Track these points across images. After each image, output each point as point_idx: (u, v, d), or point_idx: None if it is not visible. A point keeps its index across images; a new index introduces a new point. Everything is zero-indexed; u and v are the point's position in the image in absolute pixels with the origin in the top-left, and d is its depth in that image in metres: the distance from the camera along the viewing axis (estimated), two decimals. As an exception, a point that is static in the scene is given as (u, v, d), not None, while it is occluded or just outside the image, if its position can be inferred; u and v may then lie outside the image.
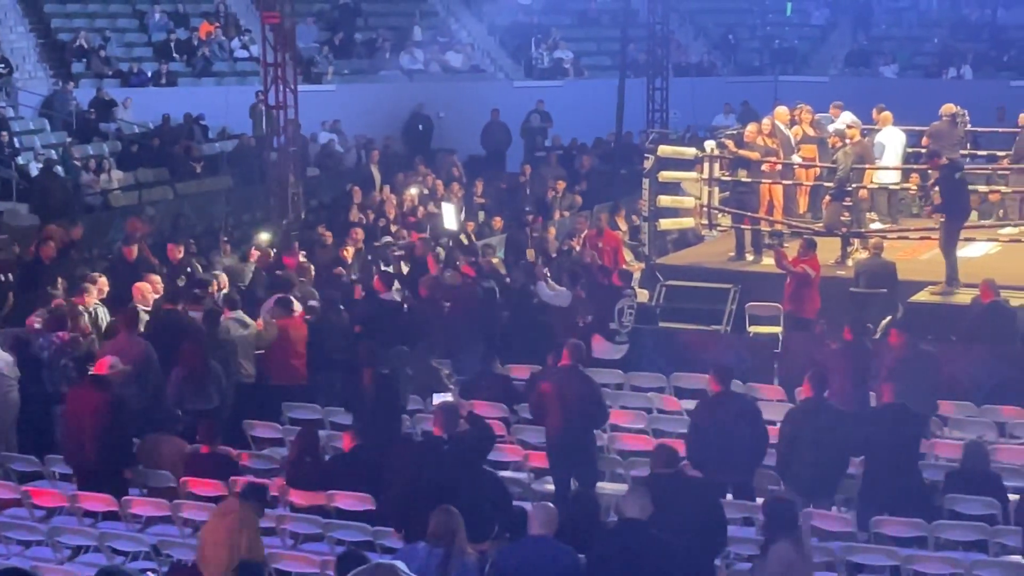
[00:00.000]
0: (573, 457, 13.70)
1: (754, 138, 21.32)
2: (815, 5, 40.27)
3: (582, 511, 11.01)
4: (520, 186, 28.46)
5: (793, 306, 18.40)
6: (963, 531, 12.21)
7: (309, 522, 12.55)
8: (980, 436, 14.67)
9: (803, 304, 18.30)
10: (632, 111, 31.94)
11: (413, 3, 37.84)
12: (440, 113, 33.60)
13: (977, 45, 36.69)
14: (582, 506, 11.18)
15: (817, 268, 18.57)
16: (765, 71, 37.53)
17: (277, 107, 22.29)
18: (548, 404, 13.82)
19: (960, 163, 20.00)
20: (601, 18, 39.19)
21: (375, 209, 24.84)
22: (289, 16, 22.63)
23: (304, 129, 24.44)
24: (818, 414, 12.94)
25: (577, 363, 14.03)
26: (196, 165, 28.69)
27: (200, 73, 32.74)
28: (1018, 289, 18.63)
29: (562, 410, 13.68)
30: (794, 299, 18.37)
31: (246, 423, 15.55)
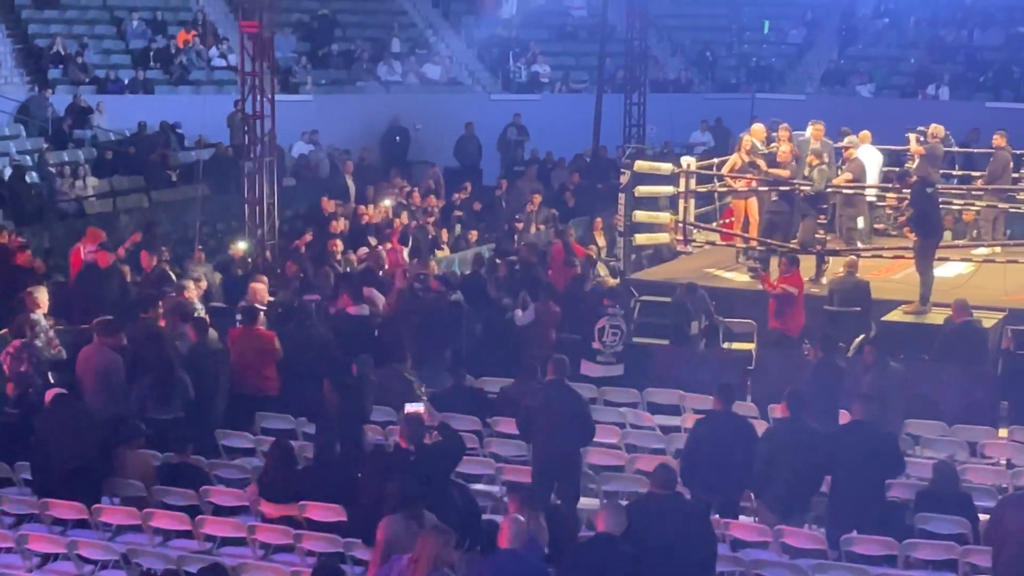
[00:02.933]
0: (559, 473, 13.67)
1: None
2: (792, 23, 40.40)
3: (555, 526, 11.00)
4: (496, 199, 28.48)
5: (778, 324, 18.42)
6: (933, 550, 12.24)
7: (279, 532, 12.52)
8: (951, 456, 14.71)
9: (788, 321, 18.32)
10: (609, 126, 32.06)
11: (391, 15, 37.88)
12: (417, 125, 33.60)
13: (953, 66, 36.84)
14: (555, 521, 11.16)
15: (800, 285, 18.58)
16: (742, 88, 37.63)
17: (254, 117, 22.23)
18: (536, 419, 13.78)
19: (931, 180, 20.08)
20: (579, 33, 39.27)
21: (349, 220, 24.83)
22: (267, 26, 22.55)
23: (281, 139, 24.35)
24: (795, 433, 12.95)
25: (563, 378, 14.02)
26: (172, 173, 28.62)
27: (177, 81, 32.68)
28: (990, 309, 18.71)
29: (550, 426, 13.65)
30: (778, 317, 18.40)
31: (218, 432, 15.53)
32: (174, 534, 12.92)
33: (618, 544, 10.09)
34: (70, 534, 12.84)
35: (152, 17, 34.23)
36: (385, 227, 24.05)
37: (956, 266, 21.28)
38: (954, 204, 23.17)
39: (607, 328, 17.65)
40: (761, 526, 12.83)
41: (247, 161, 22.72)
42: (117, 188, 27.75)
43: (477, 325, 18.96)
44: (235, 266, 21.47)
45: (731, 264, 22.15)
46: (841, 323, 18.40)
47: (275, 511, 12.87)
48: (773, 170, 21.29)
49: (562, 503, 13.37)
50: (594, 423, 14.22)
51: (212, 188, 28.20)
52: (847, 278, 19.20)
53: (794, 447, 12.78)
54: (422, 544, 10.02)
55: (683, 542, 10.81)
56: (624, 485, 14.15)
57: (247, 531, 12.57)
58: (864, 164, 22.02)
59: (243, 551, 12.60)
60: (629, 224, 22.64)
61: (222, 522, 12.85)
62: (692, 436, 13.52)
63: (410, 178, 29.42)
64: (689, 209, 22.92)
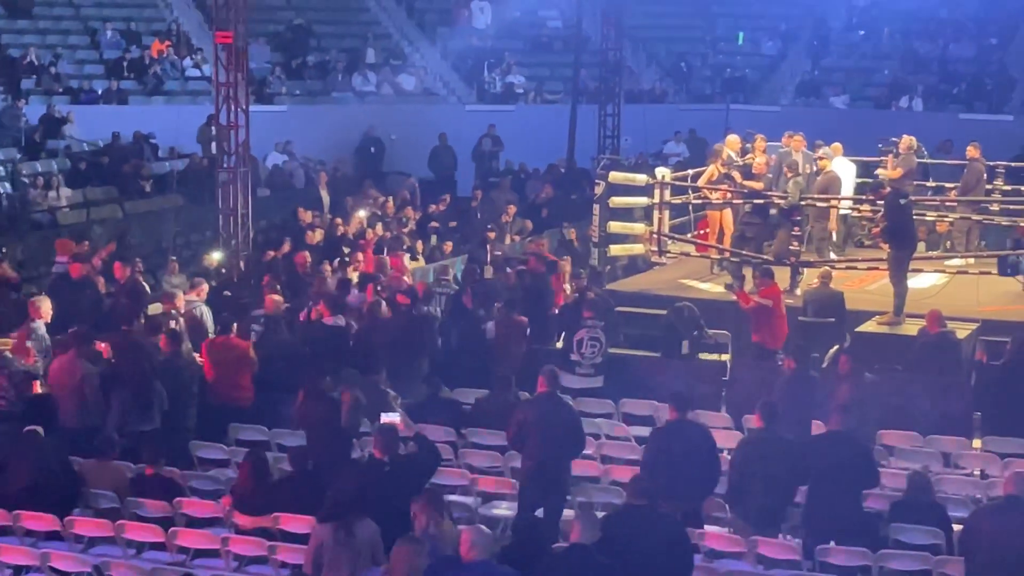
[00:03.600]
0: (549, 486, 13.60)
1: (763, 169, 21.32)
2: (767, 35, 40.51)
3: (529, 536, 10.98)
4: (471, 210, 28.47)
5: (760, 337, 18.41)
6: (907, 561, 12.26)
7: (254, 544, 12.48)
8: (925, 466, 14.73)
9: (769, 333, 18.30)
10: (584, 137, 32.09)
11: (366, 25, 37.89)
12: (392, 136, 33.59)
13: (927, 77, 37.01)
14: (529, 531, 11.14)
15: (776, 295, 18.58)
16: (716, 99, 37.74)
17: (228, 127, 22.20)
18: (529, 431, 13.74)
19: (904, 191, 20.15)
20: (554, 44, 39.32)
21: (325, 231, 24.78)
22: (242, 36, 22.53)
23: (255, 150, 24.33)
24: (768, 444, 12.96)
25: (555, 390, 13.98)
26: (145, 184, 28.54)
27: (151, 92, 32.62)
28: (964, 320, 18.77)
29: (543, 437, 13.57)
30: (759, 330, 18.40)
31: (192, 443, 15.48)
32: (147, 546, 12.87)
33: (593, 554, 10.09)
34: (42, 546, 12.76)
35: (126, 27, 34.19)
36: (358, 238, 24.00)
37: (930, 277, 21.34)
38: (928, 215, 23.25)
39: (586, 340, 17.60)
40: (735, 536, 12.84)
41: (221, 172, 22.68)
42: (90, 199, 27.65)
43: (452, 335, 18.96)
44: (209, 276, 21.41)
45: (706, 275, 22.18)
46: (815, 334, 18.42)
47: (249, 522, 12.82)
48: (747, 182, 21.33)
49: (547, 515, 13.34)
50: (585, 436, 14.18)
51: (186, 199, 28.16)
52: (821, 289, 19.23)
53: (767, 457, 12.78)
54: (396, 554, 10.01)
55: (659, 553, 10.82)
56: (599, 496, 14.14)
57: (221, 543, 12.52)
58: (839, 176, 22.09)
59: (217, 563, 12.55)
60: (604, 235, 22.65)
61: (196, 534, 12.80)
62: (649, 446, 13.51)
63: (385, 189, 29.39)
64: (664, 220, 22.94)
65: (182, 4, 35.74)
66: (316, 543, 11.08)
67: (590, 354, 17.55)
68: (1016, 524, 10.92)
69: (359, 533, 10.89)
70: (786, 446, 12.95)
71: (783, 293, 19.23)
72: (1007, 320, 19.01)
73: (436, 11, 39.23)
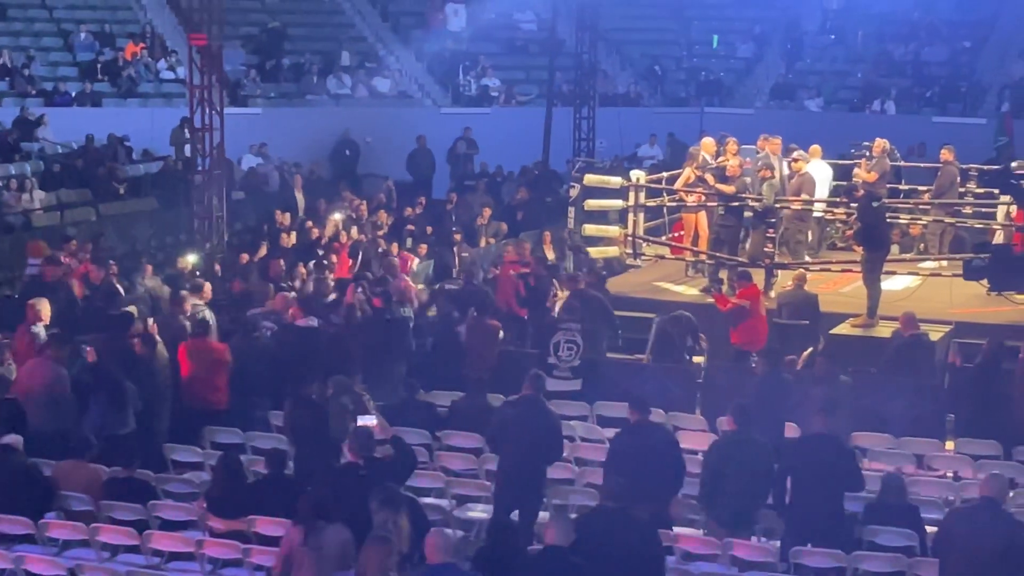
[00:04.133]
0: (525, 488, 13.58)
1: (736, 172, 21.37)
2: (741, 38, 40.59)
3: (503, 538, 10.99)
4: (446, 213, 28.46)
5: (739, 339, 18.43)
6: (881, 562, 12.30)
7: (228, 547, 12.46)
8: (899, 468, 14.79)
9: (748, 335, 18.30)
10: (559, 140, 32.09)
11: (341, 28, 37.85)
12: (367, 138, 33.57)
13: (900, 81, 37.14)
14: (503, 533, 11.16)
15: (754, 296, 18.60)
16: (691, 102, 37.80)
17: (203, 130, 22.17)
18: (507, 433, 13.73)
19: (877, 194, 20.22)
20: (529, 47, 39.32)
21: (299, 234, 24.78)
22: (216, 39, 22.50)
23: (230, 152, 24.28)
24: (742, 446, 12.99)
25: (539, 393, 13.96)
26: (120, 186, 28.47)
27: (125, 94, 32.54)
28: (938, 322, 18.84)
29: (520, 440, 13.55)
30: (737, 332, 18.43)
31: (166, 447, 15.45)
32: (122, 549, 12.85)
33: (567, 556, 10.12)
34: (16, 549, 12.72)
35: (100, 29, 34.08)
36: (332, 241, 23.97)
37: (903, 279, 21.42)
38: (901, 218, 23.33)
39: (562, 343, 17.60)
40: (710, 539, 12.86)
41: (196, 174, 22.64)
42: (64, 201, 27.58)
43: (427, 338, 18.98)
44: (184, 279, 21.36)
45: (680, 278, 22.23)
46: (790, 336, 18.48)
47: (224, 526, 12.81)
48: (719, 185, 21.37)
49: (522, 517, 13.35)
50: (563, 442, 14.17)
51: (161, 201, 28.10)
52: (796, 291, 19.30)
53: (741, 460, 12.82)
54: (367, 556, 10.01)
55: (633, 555, 10.84)
56: (574, 498, 14.16)
57: (195, 546, 12.51)
58: (814, 178, 22.16)
59: (191, 566, 12.54)
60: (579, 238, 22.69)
61: (170, 537, 12.78)
62: (611, 448, 13.54)
63: (360, 192, 29.36)
64: (638, 223, 23.00)
65: (156, 6, 35.66)
66: (287, 546, 11.08)
67: (567, 356, 17.56)
68: (989, 526, 10.95)
69: (329, 537, 10.88)
70: (759, 448, 12.99)
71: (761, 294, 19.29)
72: (980, 322, 19.08)
73: (411, 14, 39.20)
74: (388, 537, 10.37)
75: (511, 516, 13.23)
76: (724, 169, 21.56)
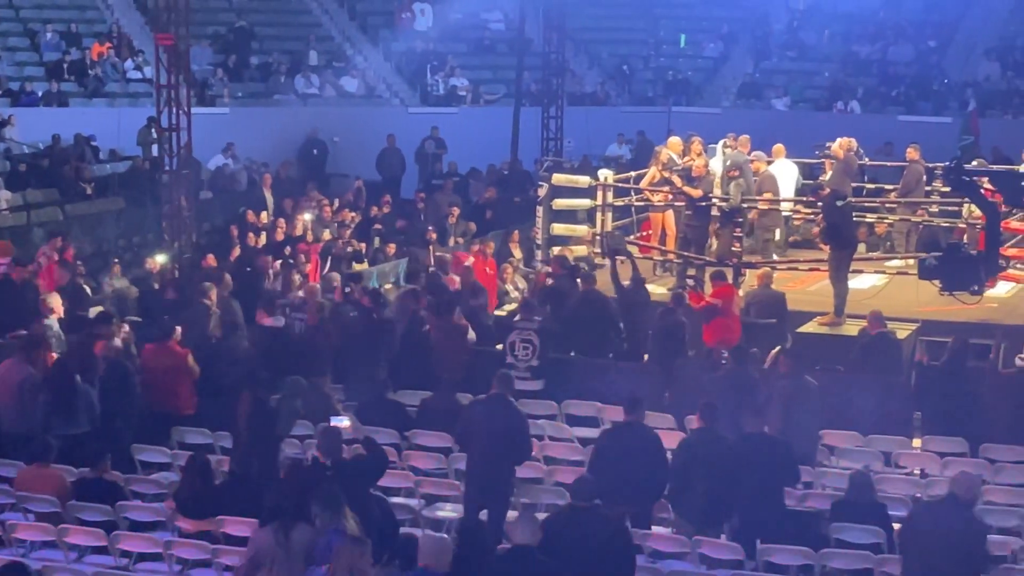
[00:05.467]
0: (492, 488, 13.59)
1: (702, 171, 21.42)
2: (708, 37, 40.66)
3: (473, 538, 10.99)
4: (415, 212, 28.46)
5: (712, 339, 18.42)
6: (849, 560, 12.37)
7: (197, 548, 12.44)
8: (866, 466, 14.86)
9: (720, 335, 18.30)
10: (527, 139, 32.11)
11: (308, 27, 37.78)
12: (335, 138, 33.52)
13: (867, 80, 37.27)
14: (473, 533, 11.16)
15: (727, 296, 18.63)
16: (659, 102, 37.83)
17: (170, 129, 22.11)
18: (474, 432, 13.74)
19: (843, 192, 20.30)
20: (497, 46, 39.32)
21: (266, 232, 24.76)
22: (183, 38, 22.44)
23: (197, 152, 24.23)
24: (710, 444, 13.04)
25: (506, 393, 13.94)
26: (87, 186, 28.38)
27: (92, 94, 32.43)
28: (904, 321, 18.93)
29: (487, 440, 13.55)
30: (711, 332, 18.44)
31: (134, 447, 15.41)
32: (90, 550, 12.82)
33: (535, 555, 10.14)
34: (-18, 551, 12.72)
35: (66, 29, 33.94)
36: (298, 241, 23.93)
37: (870, 278, 21.50)
38: (868, 217, 23.43)
39: (518, 342, 17.54)
40: (679, 537, 12.91)
41: (164, 174, 22.59)
42: (31, 201, 27.47)
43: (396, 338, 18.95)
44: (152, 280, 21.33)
45: (649, 276, 22.24)
46: (757, 335, 18.52)
47: (192, 526, 12.79)
48: (686, 188, 21.39)
49: (490, 517, 13.35)
50: (531, 442, 14.17)
51: (128, 201, 28.02)
52: (763, 290, 19.36)
53: (709, 458, 12.87)
54: (338, 554, 10.01)
55: (603, 554, 10.86)
56: (543, 497, 14.18)
57: (164, 546, 12.49)
58: (775, 176, 22.23)
59: (160, 567, 12.52)
60: (547, 237, 22.71)
61: (138, 537, 12.76)
62: (597, 448, 13.56)
63: (328, 191, 29.32)
64: (607, 222, 23.02)
65: (123, 6, 35.56)
66: (253, 546, 11.07)
67: (523, 356, 17.50)
68: (953, 523, 11.00)
69: (296, 537, 10.88)
70: (727, 446, 13.04)
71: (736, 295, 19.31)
72: (946, 320, 19.17)
73: (378, 13, 39.15)
74: (362, 538, 10.36)
75: (480, 516, 13.26)
76: (690, 170, 21.61)
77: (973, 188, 18.53)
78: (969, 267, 17.80)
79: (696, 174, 21.40)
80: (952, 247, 18.40)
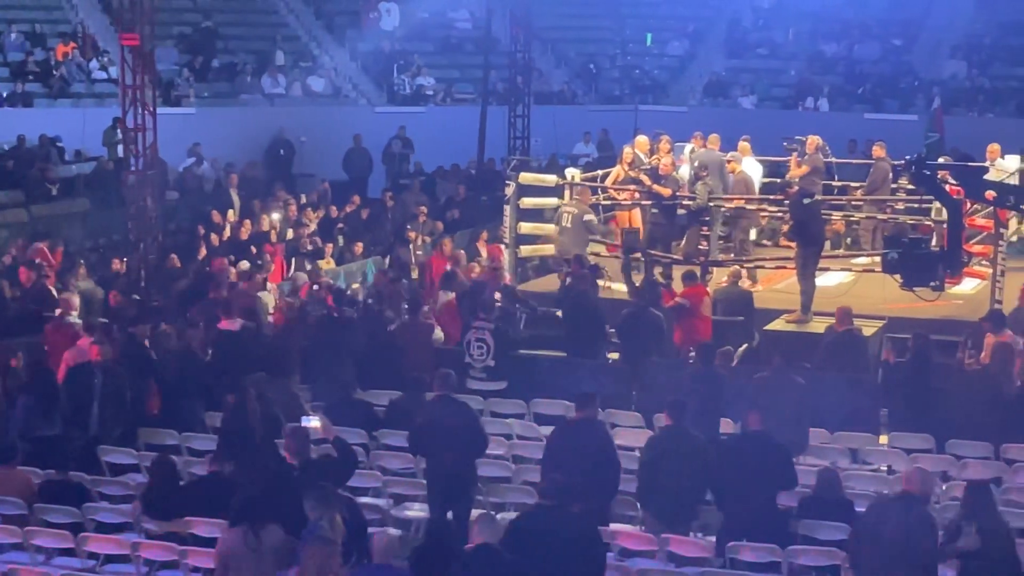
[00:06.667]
0: (453, 487, 13.59)
1: (669, 170, 21.43)
2: (675, 36, 40.73)
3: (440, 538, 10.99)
4: (382, 212, 28.43)
5: (681, 339, 18.46)
6: (816, 556, 12.39)
7: (164, 549, 12.40)
8: (833, 462, 14.90)
9: (689, 335, 18.34)
10: (494, 138, 32.09)
11: (274, 28, 37.69)
12: (302, 138, 33.45)
13: (833, 78, 37.41)
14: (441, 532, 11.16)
15: (697, 296, 18.64)
16: (625, 100, 37.90)
17: (136, 130, 22.01)
18: (425, 435, 13.71)
19: (810, 190, 20.35)
20: (464, 46, 39.30)
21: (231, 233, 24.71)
22: (148, 38, 22.34)
23: (163, 153, 24.13)
24: (678, 441, 13.05)
25: (449, 392, 13.94)
26: (52, 187, 28.25)
27: (57, 94, 32.26)
28: (871, 318, 18.99)
29: (440, 441, 13.54)
30: (680, 331, 18.47)
31: (101, 448, 15.35)
32: (57, 552, 12.77)
33: (500, 553, 10.16)
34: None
35: (30, 29, 33.76)
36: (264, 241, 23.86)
37: (837, 275, 21.55)
38: (834, 215, 23.48)
39: (472, 342, 17.47)
40: (647, 535, 12.91)
41: (129, 175, 22.49)
42: (-5, 203, 27.39)
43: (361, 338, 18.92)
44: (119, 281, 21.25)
45: (616, 275, 22.24)
46: (724, 332, 18.56)
47: (159, 527, 12.75)
48: (657, 187, 21.42)
49: (456, 516, 13.35)
50: (486, 434, 14.16)
51: (93, 202, 27.90)
52: (730, 288, 19.40)
53: (677, 455, 12.88)
54: (308, 555, 10.00)
55: (571, 553, 10.86)
56: (511, 496, 14.18)
57: (131, 548, 12.45)
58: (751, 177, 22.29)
59: (127, 568, 12.49)
60: (514, 236, 22.71)
61: (106, 539, 12.73)
62: (548, 445, 13.57)
63: (295, 191, 29.25)
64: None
65: (88, 6, 35.38)
66: (223, 548, 11.05)
67: (479, 356, 17.43)
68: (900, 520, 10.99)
69: (266, 538, 10.86)
70: (695, 443, 13.05)
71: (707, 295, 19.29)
72: (913, 318, 19.24)
73: (344, 13, 39.07)
74: (331, 538, 10.35)
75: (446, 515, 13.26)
76: (657, 168, 21.64)
77: (934, 182, 18.56)
78: (929, 263, 17.85)
79: (663, 172, 21.44)
80: (914, 242, 18.44)
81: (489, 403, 17.06)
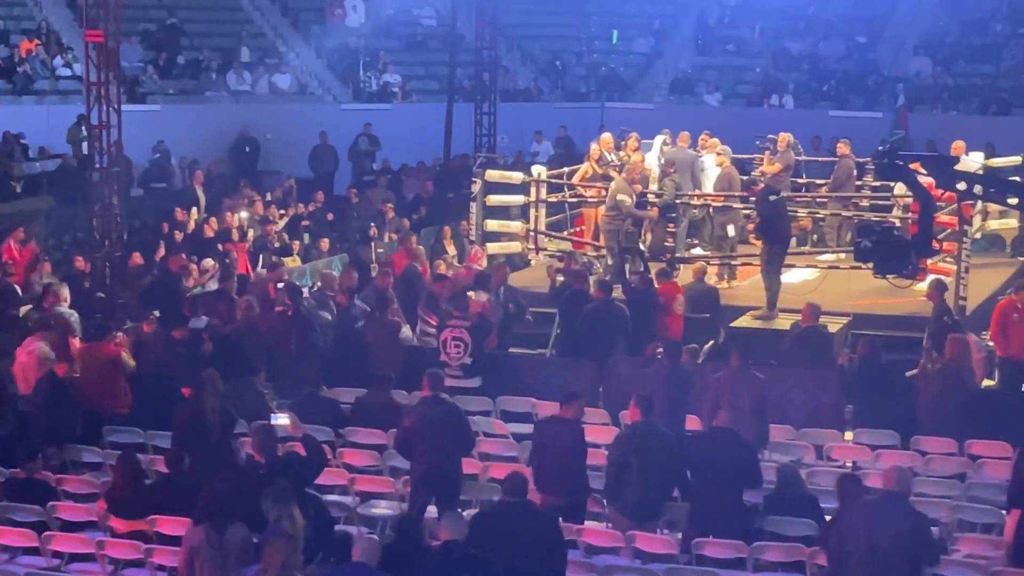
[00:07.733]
0: (440, 486, 13.58)
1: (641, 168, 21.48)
2: (640, 33, 40.80)
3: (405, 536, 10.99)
4: (349, 208, 28.37)
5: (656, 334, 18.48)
6: (781, 552, 12.42)
7: (129, 547, 12.37)
8: (799, 458, 14.95)
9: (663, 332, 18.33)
10: (460, 135, 32.09)
11: (240, 24, 37.57)
12: (267, 135, 33.37)
13: (798, 75, 37.53)
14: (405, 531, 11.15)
15: (670, 293, 18.65)
16: (591, 97, 37.93)
17: (100, 127, 21.90)
18: (415, 435, 13.71)
19: (775, 188, 20.41)
20: (429, 43, 39.29)
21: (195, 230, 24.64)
22: (113, 35, 22.21)
23: (128, 150, 24.01)
24: (646, 438, 13.07)
25: (439, 392, 13.94)
26: (16, 185, 28.09)
27: (21, 91, 32.07)
28: (836, 315, 19.06)
29: (430, 440, 13.54)
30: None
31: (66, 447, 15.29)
32: (21, 551, 12.72)
33: (467, 549, 10.20)
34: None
35: (-6, 26, 33.63)
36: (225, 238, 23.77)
37: (802, 272, 21.63)
38: (800, 212, 23.57)
39: (449, 340, 17.46)
40: (614, 531, 12.94)
41: (94, 172, 22.39)
42: (-41, 200, 27.20)
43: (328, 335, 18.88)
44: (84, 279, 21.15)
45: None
46: (691, 329, 18.59)
47: (125, 526, 12.71)
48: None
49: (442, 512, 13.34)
50: (473, 433, 14.17)
51: (58, 200, 27.75)
52: (696, 284, 19.44)
53: (645, 451, 12.91)
54: (270, 552, 10.00)
55: (533, 549, 10.90)
56: (478, 494, 14.18)
57: (96, 546, 12.41)
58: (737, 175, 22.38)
59: (93, 567, 12.44)
60: (480, 233, 22.72)
61: (70, 538, 12.69)
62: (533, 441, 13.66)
63: (260, 188, 29.17)
64: (540, 217, 23.06)
65: (52, 3, 35.19)
66: (188, 546, 11.03)
67: (456, 354, 17.41)
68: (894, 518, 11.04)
69: (230, 536, 10.84)
70: (663, 439, 13.08)
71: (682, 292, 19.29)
72: (878, 314, 19.33)
73: (310, 10, 38.96)
74: (291, 534, 10.35)
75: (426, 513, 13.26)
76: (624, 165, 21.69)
77: (906, 172, 18.56)
78: (901, 251, 17.88)
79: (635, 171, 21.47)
80: (886, 230, 18.46)
81: (456, 400, 17.02)
